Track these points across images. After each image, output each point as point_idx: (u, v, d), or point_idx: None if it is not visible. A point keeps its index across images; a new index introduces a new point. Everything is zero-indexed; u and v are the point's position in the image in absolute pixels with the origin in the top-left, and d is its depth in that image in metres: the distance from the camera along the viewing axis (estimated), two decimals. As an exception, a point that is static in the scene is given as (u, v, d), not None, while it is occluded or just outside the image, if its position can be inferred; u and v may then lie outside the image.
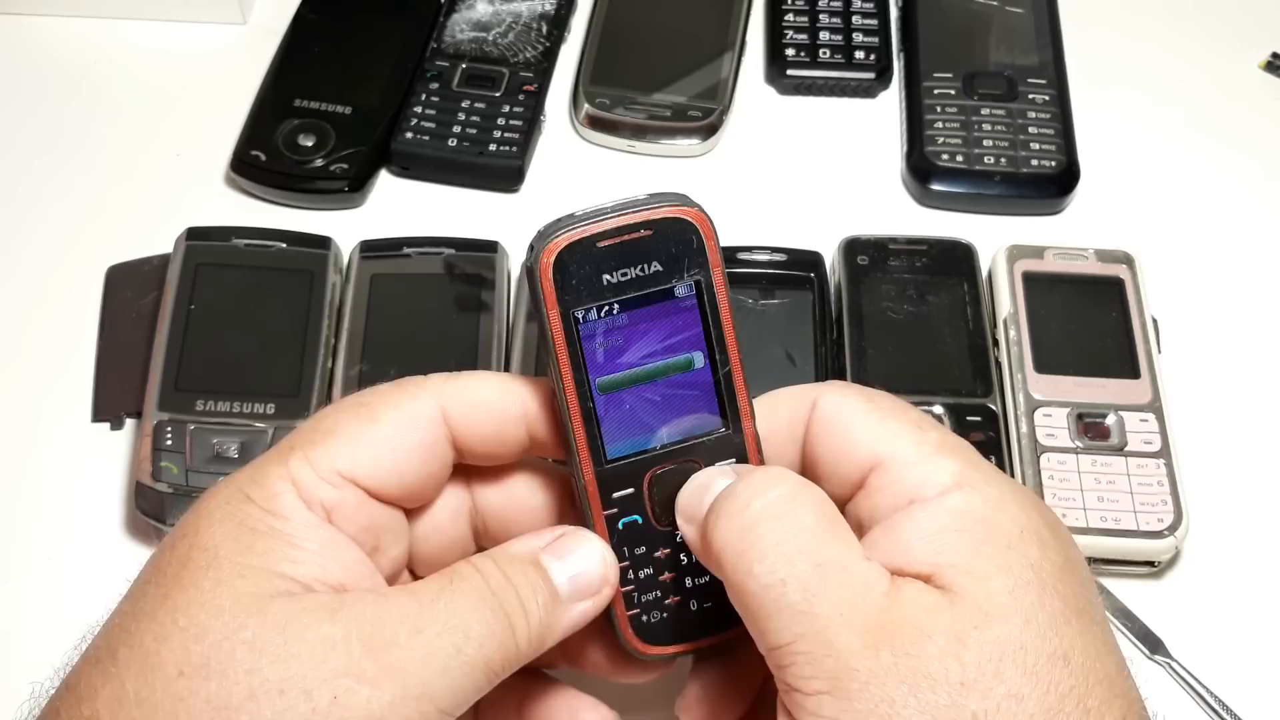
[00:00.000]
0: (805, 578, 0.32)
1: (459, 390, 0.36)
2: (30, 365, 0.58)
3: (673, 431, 0.36)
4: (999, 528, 0.33)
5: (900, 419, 0.36)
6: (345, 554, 0.34)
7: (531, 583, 0.34)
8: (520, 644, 0.34)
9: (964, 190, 0.64)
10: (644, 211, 0.35)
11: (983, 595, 0.31)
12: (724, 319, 0.36)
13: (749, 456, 0.37)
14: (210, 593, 0.32)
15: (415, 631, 0.32)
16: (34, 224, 0.63)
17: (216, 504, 0.34)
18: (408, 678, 0.31)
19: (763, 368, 0.55)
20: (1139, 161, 0.67)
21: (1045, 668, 0.31)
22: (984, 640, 0.31)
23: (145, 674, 0.31)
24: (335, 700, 0.31)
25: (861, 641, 0.31)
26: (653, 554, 0.37)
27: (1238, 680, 0.50)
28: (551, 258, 0.34)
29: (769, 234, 0.61)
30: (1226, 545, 0.54)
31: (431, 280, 0.58)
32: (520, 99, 0.66)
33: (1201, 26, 0.73)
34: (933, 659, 0.30)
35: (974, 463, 0.35)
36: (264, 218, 0.62)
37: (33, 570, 0.52)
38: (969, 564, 0.32)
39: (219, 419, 0.53)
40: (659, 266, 0.35)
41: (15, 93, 0.68)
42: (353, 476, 0.35)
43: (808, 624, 0.31)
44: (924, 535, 0.33)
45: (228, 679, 0.30)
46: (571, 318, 0.35)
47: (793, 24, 0.70)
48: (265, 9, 0.72)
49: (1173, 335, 0.59)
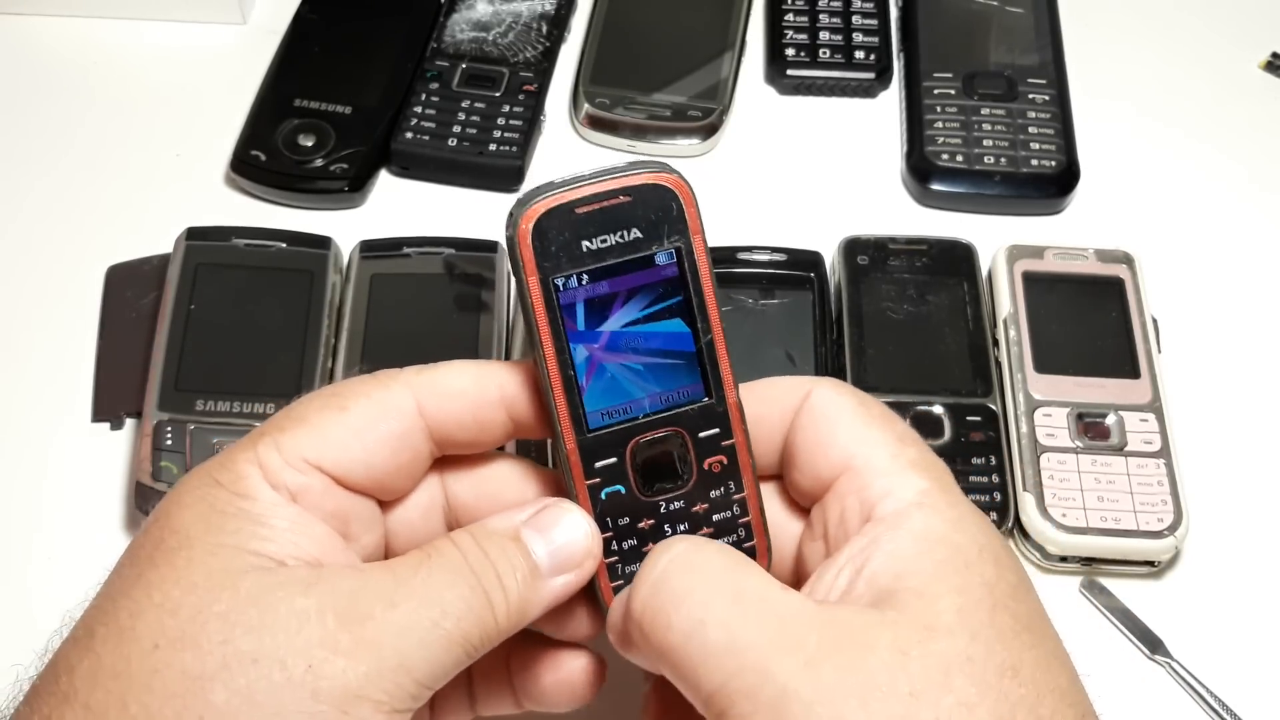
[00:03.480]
0: (724, 613, 0.32)
1: (433, 380, 0.36)
2: (30, 365, 0.58)
3: (655, 400, 0.36)
4: (958, 547, 0.33)
5: (884, 428, 0.36)
6: (316, 530, 0.34)
7: (510, 558, 0.34)
8: (499, 619, 0.34)
9: (964, 190, 0.64)
10: (623, 178, 0.35)
11: (929, 614, 0.31)
12: (705, 286, 0.35)
13: (733, 428, 0.37)
14: (183, 570, 0.32)
15: (391, 605, 0.32)
16: (34, 224, 0.63)
17: (187, 490, 0.34)
18: (384, 650, 0.31)
19: (763, 368, 0.55)
20: (1139, 161, 0.67)
21: (994, 678, 0.31)
22: (928, 653, 0.31)
23: (121, 648, 0.31)
24: (310, 669, 0.31)
25: (798, 662, 0.30)
26: (636, 524, 0.37)
27: (1238, 680, 0.50)
28: (530, 224, 0.34)
29: (769, 234, 0.61)
30: (1226, 545, 0.54)
31: (431, 280, 0.58)
32: (520, 99, 0.66)
33: (1201, 26, 0.73)
34: (879, 671, 0.30)
35: (943, 485, 0.35)
36: (264, 218, 0.62)
37: (33, 570, 0.52)
38: (922, 585, 0.32)
39: (219, 419, 0.53)
40: (639, 233, 0.35)
41: (15, 93, 0.68)
42: (319, 464, 0.35)
43: (736, 659, 0.31)
44: (885, 554, 0.33)
45: (201, 650, 0.31)
46: (551, 285, 0.35)
47: (793, 24, 0.70)
48: (265, 9, 0.72)
49: (1173, 335, 0.59)
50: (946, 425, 0.54)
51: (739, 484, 0.37)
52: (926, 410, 0.54)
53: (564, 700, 0.39)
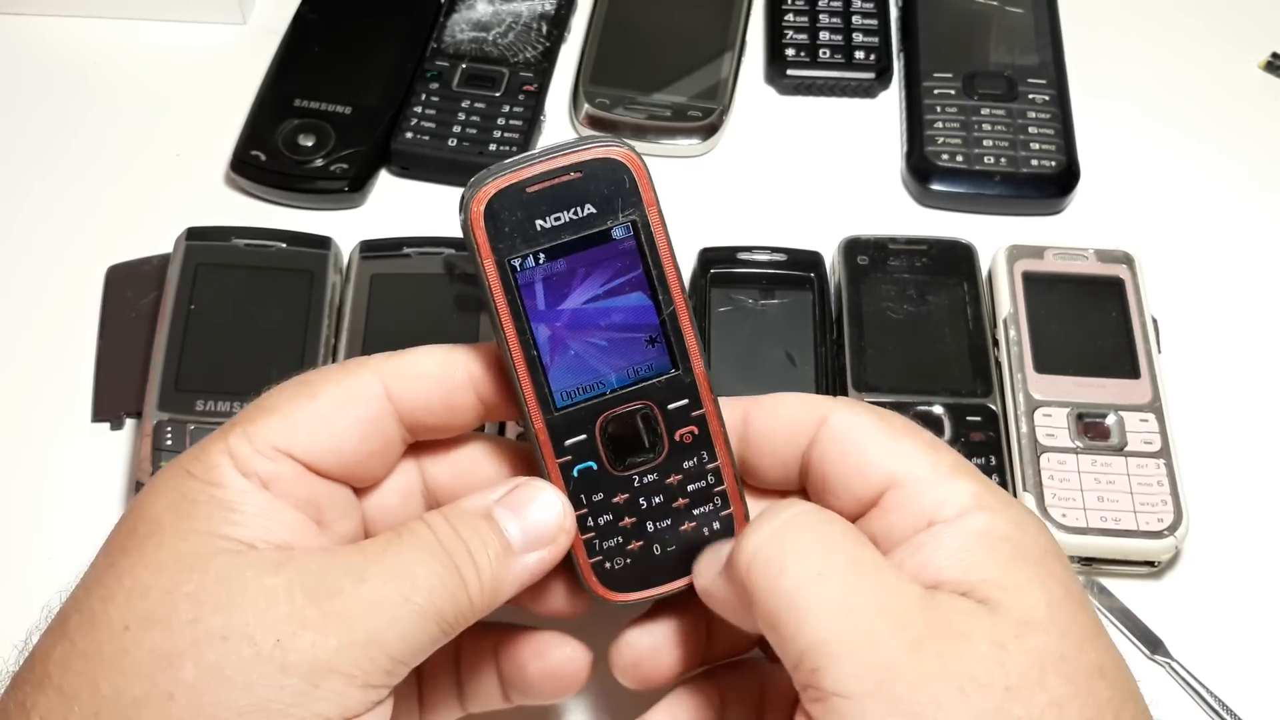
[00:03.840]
0: (843, 572, 0.32)
1: (400, 366, 0.36)
2: (30, 365, 0.58)
3: (621, 375, 0.36)
4: (1024, 547, 0.33)
5: (914, 440, 0.36)
6: (288, 516, 0.34)
7: (482, 535, 0.34)
8: (472, 595, 0.34)
9: (964, 190, 0.64)
10: (572, 154, 0.34)
11: (1021, 607, 0.31)
12: (664, 258, 0.35)
13: (701, 398, 0.37)
14: (153, 555, 0.32)
15: (360, 580, 0.32)
16: (34, 224, 0.63)
17: (161, 480, 0.34)
18: (353, 624, 0.32)
19: (763, 368, 0.55)
20: (1139, 161, 0.67)
21: (1084, 679, 0.31)
22: (1025, 648, 0.31)
23: (92, 631, 0.32)
24: (278, 644, 0.31)
25: (904, 639, 0.31)
26: (611, 499, 0.37)
27: (1238, 680, 0.50)
28: (481, 206, 0.34)
29: (769, 234, 0.61)
30: (1226, 545, 0.54)
31: (431, 280, 0.58)
32: (520, 99, 0.66)
33: (1201, 26, 0.73)
34: (977, 663, 0.30)
35: (989, 486, 0.35)
36: (264, 218, 0.62)
37: (33, 570, 0.52)
38: (1001, 579, 0.32)
39: (219, 419, 0.52)
40: (592, 209, 0.35)
41: (15, 93, 0.68)
42: (289, 451, 0.35)
43: (849, 620, 0.31)
44: (952, 554, 0.33)
45: (170, 629, 0.31)
46: (508, 265, 0.35)
47: (793, 24, 0.70)
48: (265, 9, 0.72)
49: (1173, 335, 0.59)
50: (946, 425, 0.54)
51: (711, 453, 0.37)
52: (926, 410, 0.54)
53: (551, 690, 0.39)
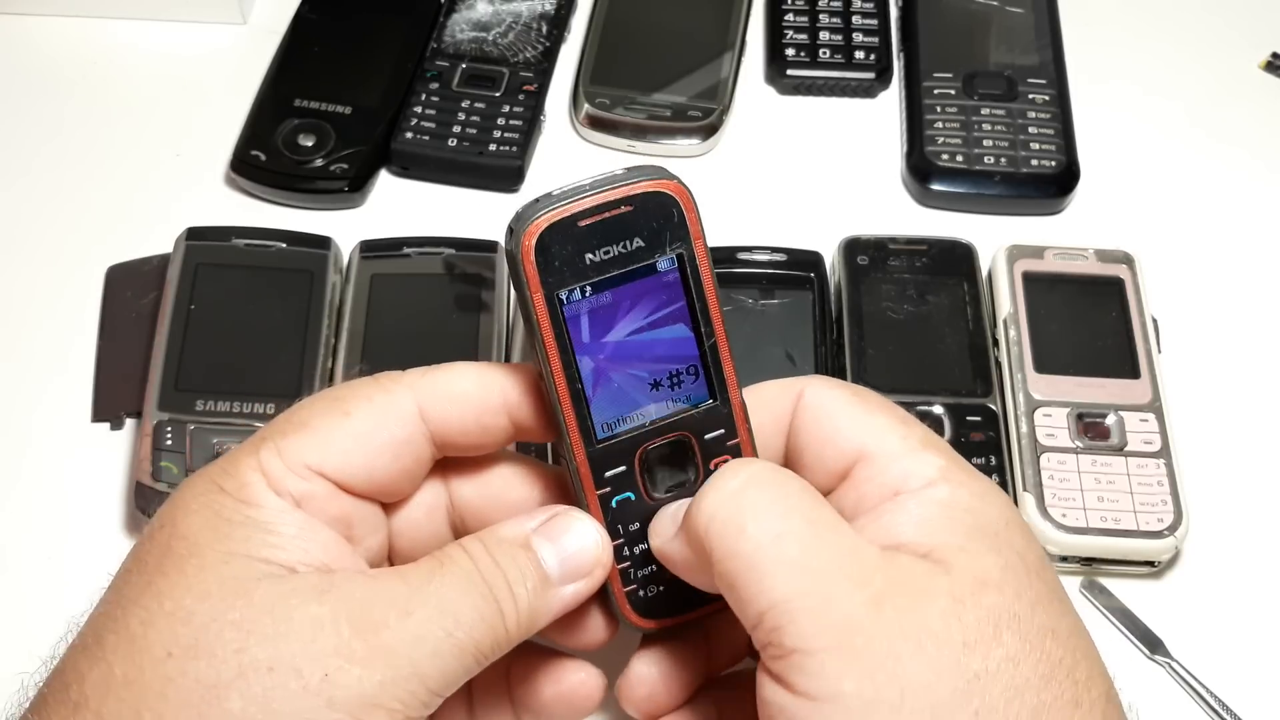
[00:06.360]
0: (801, 533, 0.32)
1: (435, 384, 0.36)
2: (30, 365, 0.58)
3: (661, 407, 0.36)
4: (986, 517, 0.34)
5: (886, 414, 0.37)
6: (323, 535, 0.34)
7: (520, 567, 0.34)
8: (510, 628, 0.34)
9: (964, 190, 0.64)
10: (623, 187, 0.34)
11: (976, 568, 0.32)
12: (707, 291, 0.35)
13: (737, 427, 0.37)
14: (194, 578, 0.32)
15: (405, 614, 0.32)
16: (34, 224, 0.63)
17: (191, 495, 0.34)
18: (398, 659, 0.32)
19: (763, 368, 0.55)
20: (1139, 161, 0.67)
21: (1036, 637, 0.31)
22: (980, 605, 0.31)
23: (133, 656, 0.31)
24: (326, 678, 0.31)
25: (863, 596, 0.31)
26: (646, 529, 0.37)
27: (1238, 680, 0.50)
28: (533, 240, 0.34)
29: (769, 234, 0.61)
30: (1226, 545, 0.54)
31: (431, 280, 0.58)
32: (520, 99, 0.66)
33: (1201, 26, 0.73)
34: (935, 618, 0.31)
35: (957, 460, 0.36)
36: (264, 218, 0.62)
37: (32, 570, 0.52)
38: (961, 544, 0.33)
39: (219, 419, 0.53)
40: (641, 242, 0.34)
41: (15, 93, 0.68)
42: (321, 470, 0.35)
43: (808, 579, 0.31)
44: (914, 520, 0.34)
45: (216, 658, 0.31)
46: (556, 299, 0.34)
47: (793, 24, 0.70)
48: (265, 9, 0.72)
49: (1173, 335, 0.59)
50: (946, 425, 0.54)
51: None
52: (926, 410, 0.54)
53: (564, 714, 0.39)
